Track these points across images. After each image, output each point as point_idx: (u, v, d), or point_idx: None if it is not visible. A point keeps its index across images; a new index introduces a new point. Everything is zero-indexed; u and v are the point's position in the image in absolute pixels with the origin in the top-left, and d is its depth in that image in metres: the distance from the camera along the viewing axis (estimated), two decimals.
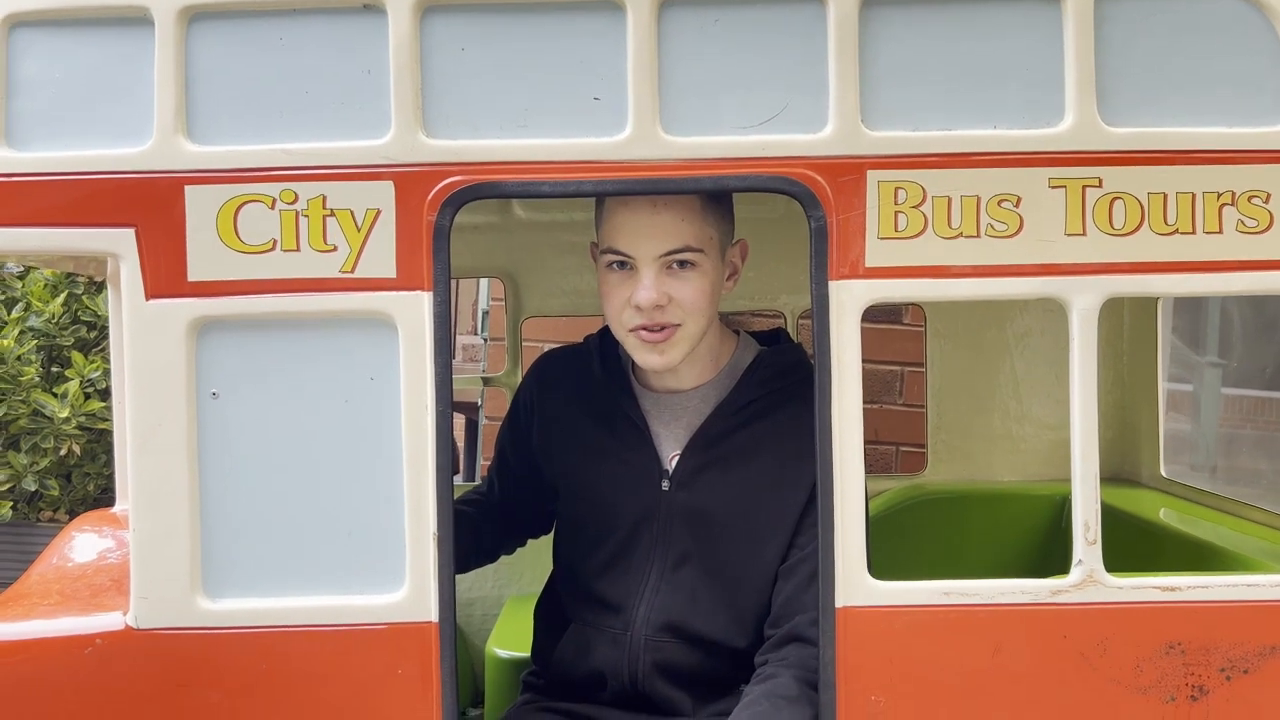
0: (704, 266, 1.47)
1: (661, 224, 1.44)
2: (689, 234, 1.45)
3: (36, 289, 3.05)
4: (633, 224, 1.46)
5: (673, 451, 1.54)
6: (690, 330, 1.48)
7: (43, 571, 1.74)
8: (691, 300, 1.46)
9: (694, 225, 1.45)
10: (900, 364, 2.94)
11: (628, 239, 1.46)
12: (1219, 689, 1.42)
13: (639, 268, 1.46)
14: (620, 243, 1.47)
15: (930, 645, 1.42)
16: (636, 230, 1.45)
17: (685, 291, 1.46)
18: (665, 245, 1.45)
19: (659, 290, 1.45)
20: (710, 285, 1.48)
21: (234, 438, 1.41)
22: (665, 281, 1.46)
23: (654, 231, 1.45)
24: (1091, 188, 1.39)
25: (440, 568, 1.40)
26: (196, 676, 1.42)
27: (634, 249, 1.46)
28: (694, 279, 1.46)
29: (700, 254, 1.46)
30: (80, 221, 1.39)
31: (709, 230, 1.47)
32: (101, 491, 3.19)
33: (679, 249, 1.45)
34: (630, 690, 1.51)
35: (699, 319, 1.48)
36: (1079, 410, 1.41)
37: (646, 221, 1.45)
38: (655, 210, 1.45)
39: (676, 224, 1.44)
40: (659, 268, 1.46)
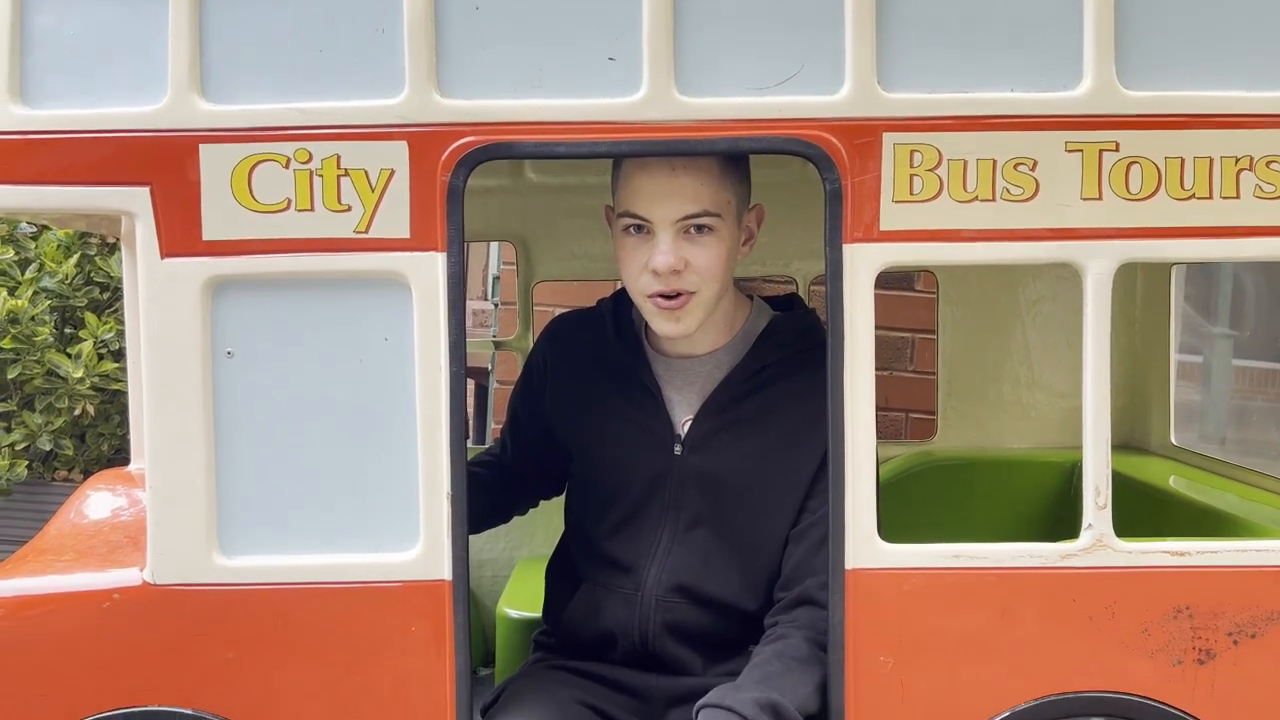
0: (721, 231, 1.47)
1: (679, 188, 1.44)
2: (707, 198, 1.45)
3: (50, 250, 3.06)
4: (651, 187, 1.45)
5: (685, 416, 1.55)
6: (705, 296, 1.48)
7: (60, 528, 1.75)
8: (708, 266, 1.46)
9: (712, 189, 1.45)
10: (911, 331, 2.93)
11: (645, 202, 1.45)
12: (1226, 653, 1.43)
13: (656, 232, 1.45)
14: (638, 206, 1.46)
15: (939, 608, 1.43)
16: (654, 194, 1.45)
17: (702, 257, 1.46)
18: (683, 209, 1.44)
19: (676, 255, 1.44)
20: (726, 251, 1.48)
21: (249, 397, 1.42)
22: (682, 246, 1.45)
23: (672, 195, 1.44)
24: (1108, 151, 1.38)
25: (454, 527, 1.42)
26: (212, 632, 1.44)
27: (651, 213, 1.45)
28: (711, 244, 1.46)
29: (717, 219, 1.46)
30: (95, 180, 1.39)
31: (726, 195, 1.47)
32: (115, 452, 3.21)
33: (697, 213, 1.45)
34: (641, 649, 1.53)
35: (714, 285, 1.48)
36: (1091, 375, 1.41)
37: (665, 185, 1.44)
38: (674, 174, 1.44)
39: (695, 188, 1.44)
40: (676, 232, 1.45)
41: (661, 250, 1.44)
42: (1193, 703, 1.43)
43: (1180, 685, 1.43)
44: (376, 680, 1.44)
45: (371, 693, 1.44)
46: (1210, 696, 1.43)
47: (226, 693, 1.44)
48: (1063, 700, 1.44)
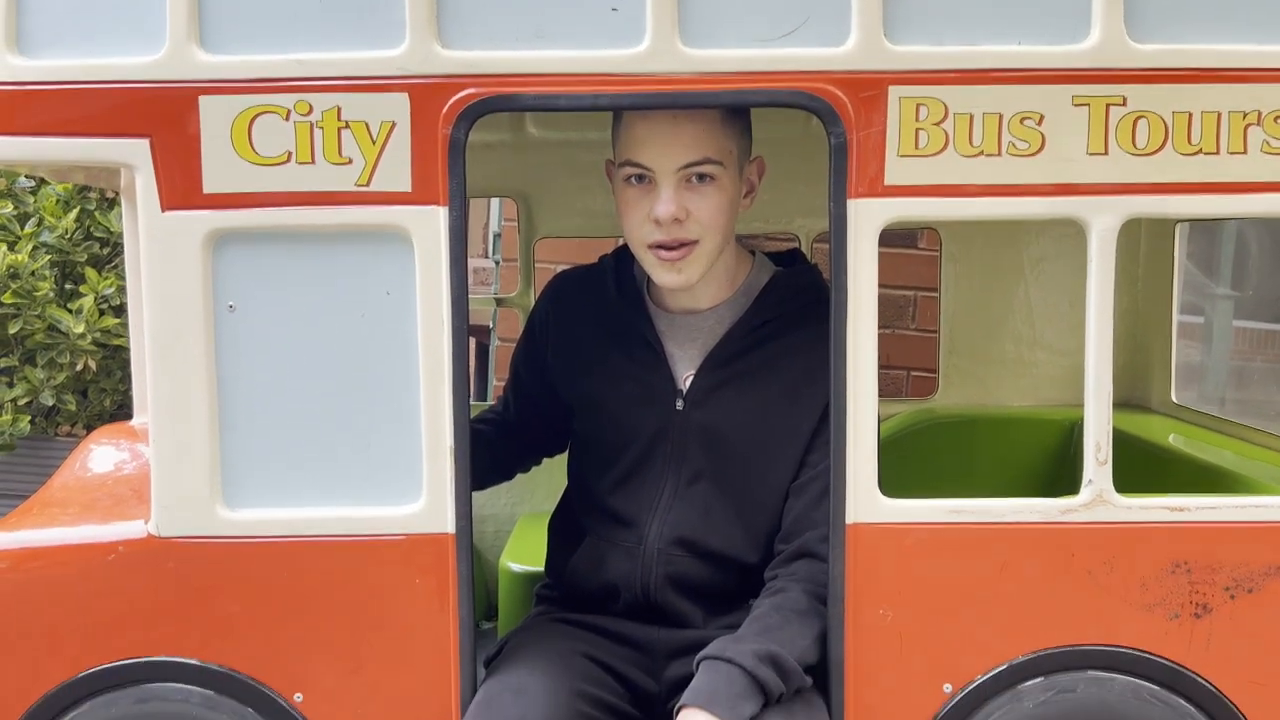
0: (722, 181, 1.46)
1: (681, 135, 1.43)
2: (708, 146, 1.44)
3: (49, 204, 3.04)
4: (652, 136, 1.44)
5: (687, 371, 1.55)
6: (707, 247, 1.48)
7: (64, 482, 1.76)
8: (709, 215, 1.46)
9: (714, 137, 1.44)
10: (913, 289, 2.92)
11: (647, 151, 1.44)
12: (1223, 607, 1.44)
13: (657, 180, 1.45)
14: (639, 155, 1.45)
15: (938, 562, 1.44)
16: (656, 142, 1.43)
17: (703, 206, 1.45)
18: (685, 157, 1.43)
19: (678, 204, 1.44)
20: (728, 201, 1.47)
21: (251, 351, 1.42)
22: (684, 195, 1.44)
23: (673, 143, 1.43)
24: (1115, 106, 1.37)
25: (457, 480, 1.42)
26: (216, 584, 1.45)
27: (653, 161, 1.44)
28: (712, 194, 1.46)
29: (719, 167, 1.45)
30: (94, 131, 1.38)
31: (728, 144, 1.46)
32: (118, 407, 3.22)
33: (698, 161, 1.44)
34: (643, 601, 1.54)
35: (716, 235, 1.47)
36: (1094, 331, 1.41)
37: (666, 133, 1.43)
38: (675, 122, 1.43)
39: (696, 136, 1.43)
40: (678, 181, 1.44)
41: (663, 199, 1.44)
42: (1189, 656, 1.45)
43: (1177, 639, 1.45)
44: (381, 633, 1.45)
45: (376, 645, 1.46)
46: (1206, 650, 1.45)
47: (231, 644, 1.46)
48: (1060, 653, 1.45)
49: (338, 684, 1.46)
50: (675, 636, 1.53)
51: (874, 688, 1.45)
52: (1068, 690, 1.45)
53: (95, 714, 1.46)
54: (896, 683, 1.45)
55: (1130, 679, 1.45)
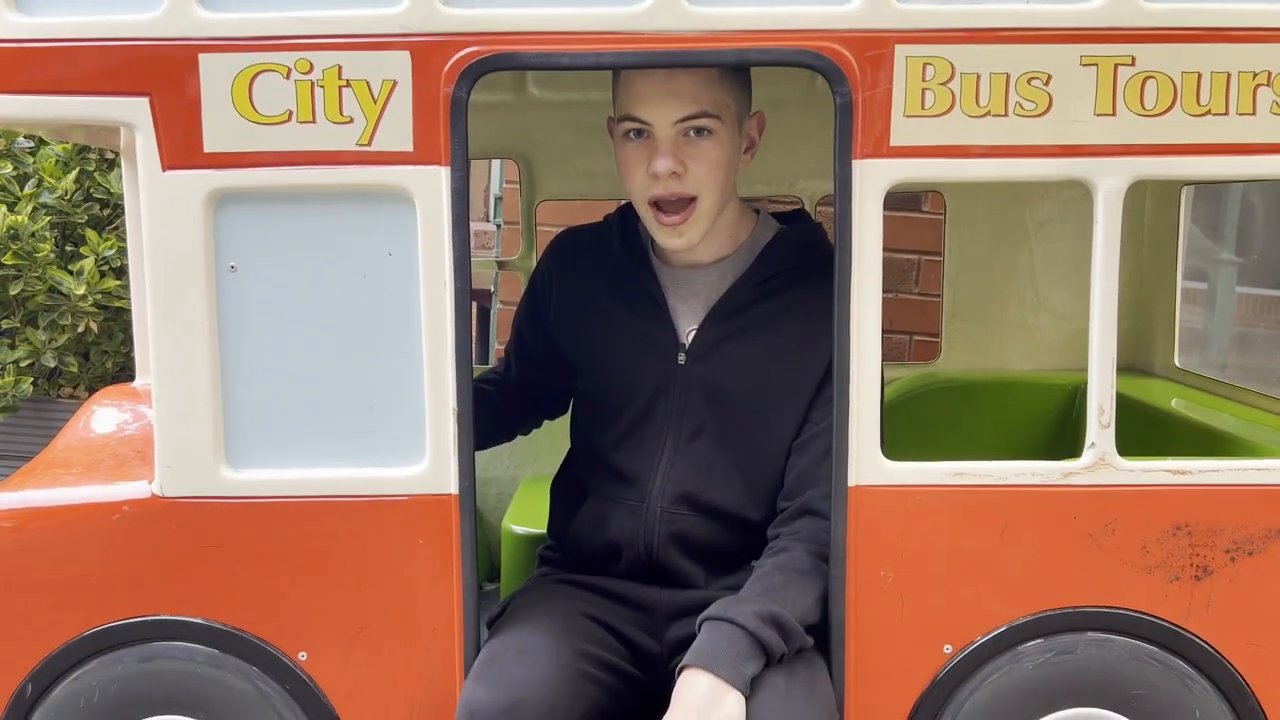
0: (720, 135, 1.46)
1: (678, 89, 1.42)
2: (705, 99, 1.43)
3: (48, 165, 3.03)
4: (649, 90, 1.44)
5: (690, 326, 1.55)
6: (707, 205, 1.47)
7: (67, 442, 1.77)
8: (707, 169, 1.46)
9: (711, 91, 1.44)
10: (917, 253, 2.91)
11: (645, 105, 1.44)
12: (1223, 569, 1.45)
13: (656, 135, 1.45)
14: (637, 109, 1.45)
15: (940, 524, 1.44)
16: (653, 96, 1.44)
17: (701, 160, 1.45)
18: (682, 110, 1.43)
19: (675, 158, 1.44)
20: (726, 155, 1.47)
21: (254, 311, 1.42)
22: (682, 149, 1.45)
23: (670, 96, 1.43)
24: (1124, 66, 1.36)
25: (460, 441, 1.42)
26: (221, 543, 1.46)
27: (651, 115, 1.44)
28: (710, 148, 1.45)
29: (716, 120, 1.45)
30: (93, 89, 1.37)
31: (725, 97, 1.46)
32: (119, 369, 3.22)
33: (695, 114, 1.43)
34: (646, 560, 1.55)
35: (715, 191, 1.47)
36: (1099, 294, 1.40)
37: (663, 87, 1.43)
38: (671, 76, 1.43)
39: (693, 89, 1.43)
40: (675, 135, 1.44)
41: (662, 153, 1.44)
42: (1189, 618, 1.46)
43: (1177, 601, 1.45)
44: (384, 593, 1.46)
45: (379, 605, 1.47)
46: (1206, 611, 1.45)
47: (235, 603, 1.47)
48: (1060, 615, 1.46)
49: (341, 643, 1.47)
50: (677, 597, 1.54)
51: (875, 648, 1.46)
52: (1067, 651, 1.46)
53: (101, 672, 1.48)
54: (897, 643, 1.46)
55: (1129, 640, 1.46)
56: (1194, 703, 1.46)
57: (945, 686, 1.47)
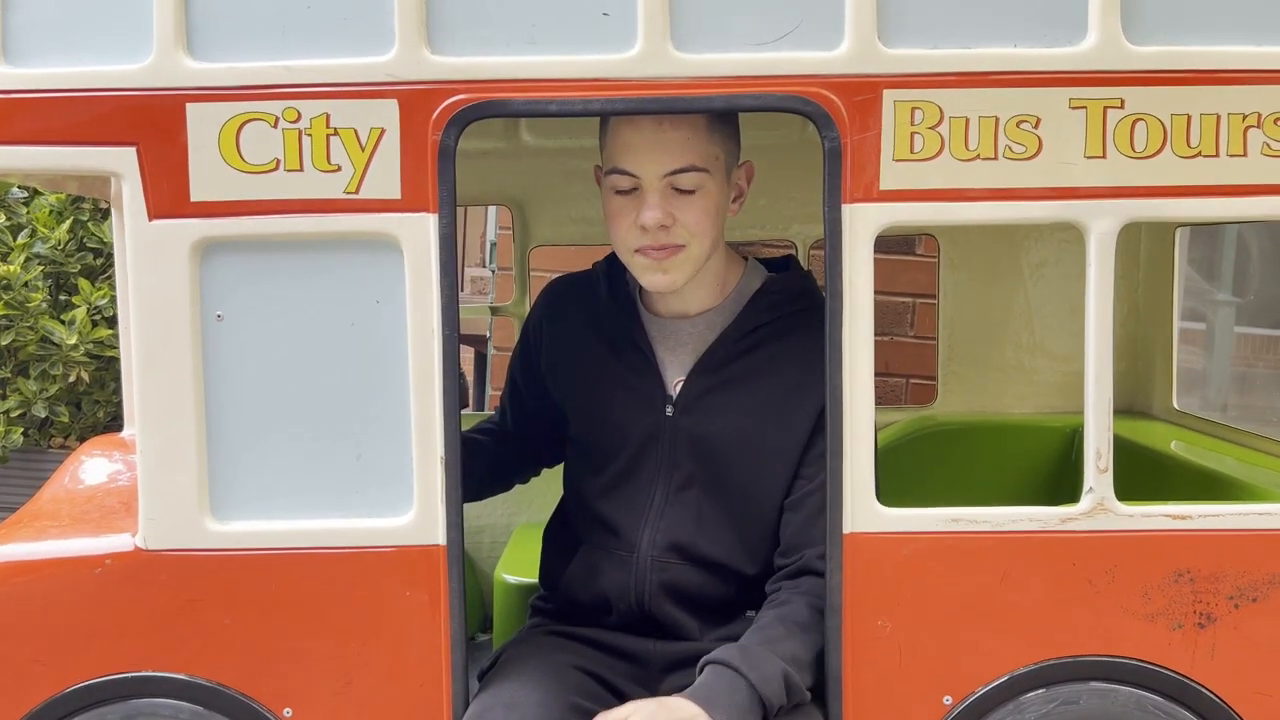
0: (709, 187, 1.45)
1: (666, 141, 1.42)
2: (694, 152, 1.43)
3: (42, 215, 3.04)
4: (637, 142, 1.43)
5: (677, 377, 1.54)
6: (694, 252, 1.47)
7: (54, 493, 1.75)
8: (695, 221, 1.45)
9: (699, 143, 1.43)
10: (912, 295, 2.91)
11: (633, 158, 1.43)
12: (1227, 617, 1.42)
13: (644, 188, 1.44)
14: (625, 161, 1.44)
15: (937, 571, 1.42)
16: (641, 148, 1.43)
17: (689, 213, 1.44)
18: (670, 164, 1.42)
19: (664, 210, 1.43)
20: (714, 206, 1.46)
21: (240, 360, 1.41)
22: (670, 202, 1.44)
23: (659, 150, 1.42)
24: (1113, 109, 1.36)
25: (447, 491, 1.40)
26: (205, 596, 1.43)
27: (639, 168, 1.43)
28: (698, 200, 1.45)
29: (705, 174, 1.44)
30: (81, 139, 1.37)
31: (714, 149, 1.45)
32: (111, 419, 3.21)
33: (684, 168, 1.42)
34: (637, 612, 1.52)
35: (703, 240, 1.46)
36: (1094, 336, 1.39)
37: (651, 140, 1.42)
38: (660, 128, 1.42)
39: (681, 142, 1.42)
40: (663, 188, 1.43)
41: (649, 205, 1.43)
42: (1193, 667, 1.43)
43: (1180, 649, 1.43)
44: (371, 646, 1.44)
45: (367, 658, 1.44)
46: (1210, 660, 1.43)
47: (219, 658, 1.44)
48: (1061, 664, 1.43)
49: (328, 699, 1.44)
50: (671, 649, 1.51)
51: (873, 700, 1.43)
52: (1070, 702, 1.43)
53: None
54: (896, 695, 1.43)
55: (1133, 690, 1.43)
56: None
57: None
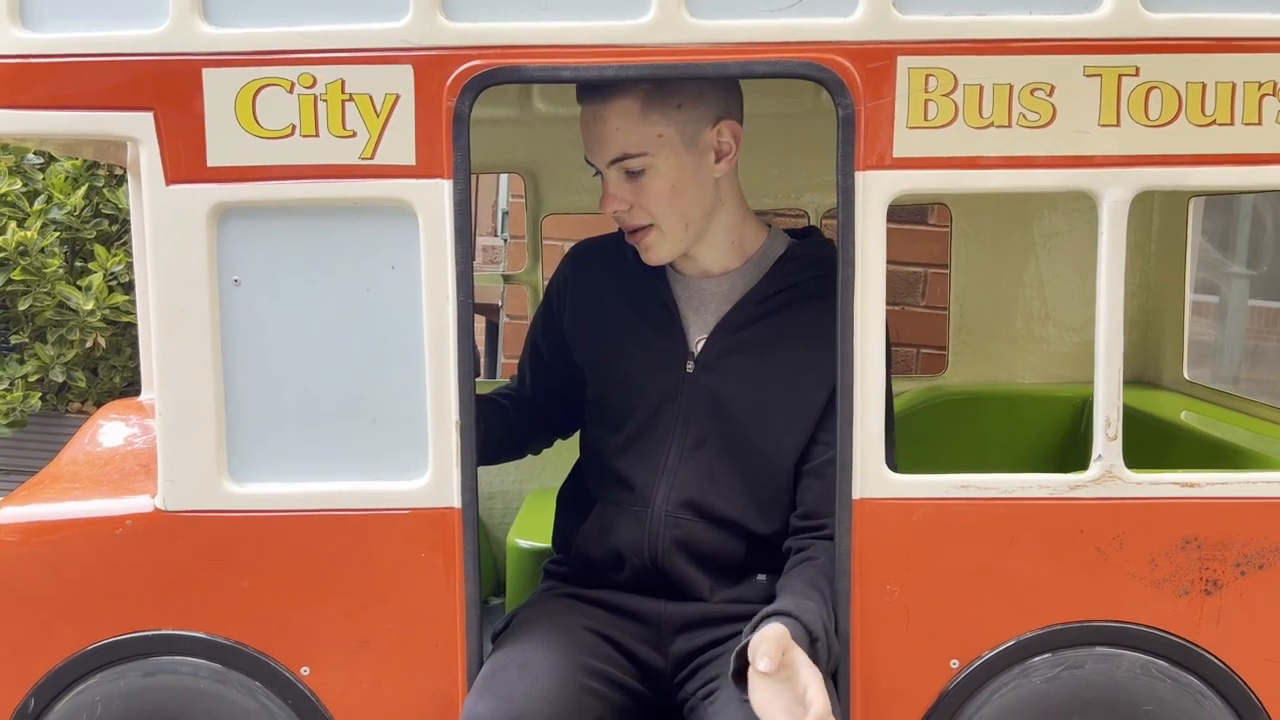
0: (658, 167, 1.47)
1: (600, 133, 1.47)
2: (626, 141, 1.45)
3: (57, 181, 3.05)
4: (585, 134, 1.50)
5: (700, 335, 1.56)
6: (667, 227, 1.50)
7: (73, 456, 1.77)
8: (650, 202, 1.48)
9: (631, 130, 1.45)
10: (924, 265, 2.90)
11: (588, 148, 1.50)
12: (1233, 583, 1.43)
13: (604, 173, 1.50)
14: (586, 152, 1.51)
15: (946, 537, 1.43)
16: (588, 140, 1.50)
17: (643, 195, 1.48)
18: (608, 154, 1.47)
19: (618, 197, 1.48)
20: (670, 185, 1.48)
21: (257, 325, 1.42)
22: (623, 187, 1.49)
23: (595, 142, 1.48)
24: (1128, 76, 1.35)
25: (462, 455, 1.42)
26: (224, 557, 1.45)
27: (592, 156, 1.50)
28: (648, 182, 1.47)
29: (647, 157, 1.46)
30: (97, 105, 1.38)
31: (651, 130, 1.45)
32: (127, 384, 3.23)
33: (619, 157, 1.47)
34: (650, 568, 1.54)
35: (671, 216, 1.49)
36: (1105, 305, 1.40)
37: (592, 131, 1.48)
38: (595, 119, 1.47)
39: (611, 133, 1.46)
40: (616, 174, 1.48)
41: (605, 193, 1.50)
42: (1198, 633, 1.44)
43: (1186, 615, 1.44)
44: (387, 607, 1.46)
45: (382, 619, 1.46)
46: (1216, 626, 1.44)
47: (238, 618, 1.46)
48: (1067, 629, 1.45)
49: (344, 658, 1.47)
50: (682, 610, 1.53)
51: (881, 663, 1.45)
52: (1076, 666, 1.45)
53: (104, 686, 1.47)
54: (903, 658, 1.45)
55: (1139, 655, 1.44)
56: (1205, 719, 1.44)
57: (952, 702, 1.46)
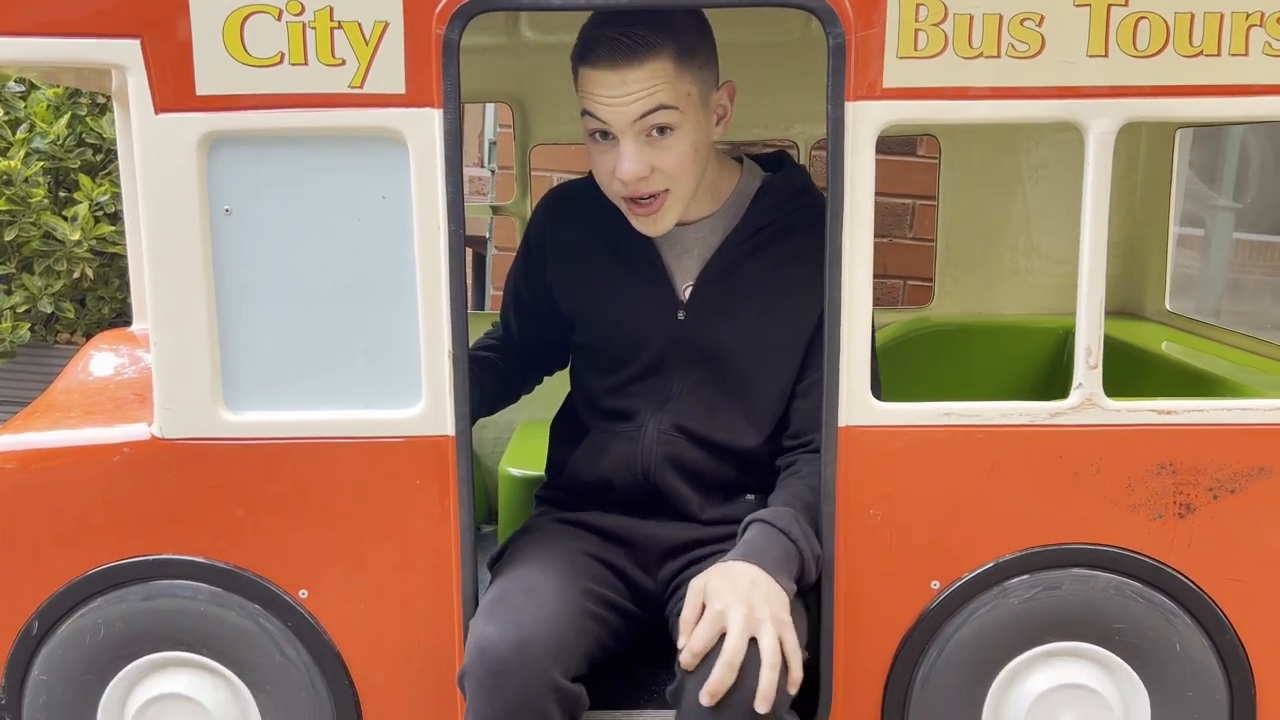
0: (685, 126, 1.42)
1: (632, 85, 1.38)
2: (662, 92, 1.39)
3: (40, 110, 3.01)
4: (604, 88, 1.39)
5: (686, 283, 1.56)
6: (681, 191, 1.46)
7: (66, 385, 1.78)
8: (675, 165, 1.43)
9: (668, 82, 1.39)
10: (911, 197, 2.91)
11: (601, 105, 1.40)
12: (1205, 507, 1.48)
13: (618, 136, 1.41)
14: (595, 108, 1.41)
15: (928, 463, 1.46)
16: (608, 95, 1.39)
17: (667, 157, 1.42)
18: (639, 108, 1.39)
19: (640, 161, 1.41)
20: (692, 144, 1.43)
21: (249, 254, 1.43)
22: (645, 151, 1.41)
23: (625, 95, 1.38)
24: (1117, 6, 1.35)
25: (455, 384, 1.44)
26: (220, 484, 1.48)
27: (609, 115, 1.40)
28: (675, 144, 1.42)
29: (677, 113, 1.40)
30: (84, 31, 1.36)
31: (684, 86, 1.41)
32: (116, 315, 3.23)
33: (653, 109, 1.39)
34: (642, 484, 1.56)
35: (688, 179, 1.45)
36: (1089, 236, 1.41)
37: (616, 85, 1.38)
38: (622, 71, 1.38)
39: (649, 83, 1.38)
40: (637, 135, 1.41)
41: (625, 157, 1.41)
42: (1170, 554, 1.49)
43: (1160, 538, 1.48)
44: (383, 533, 1.49)
45: (378, 544, 1.49)
46: (1188, 548, 1.48)
47: (236, 543, 1.49)
48: (1046, 552, 1.49)
49: (341, 582, 1.50)
50: (669, 532, 1.57)
51: (863, 585, 1.49)
52: (1052, 587, 1.49)
53: (105, 610, 1.50)
54: (885, 580, 1.49)
55: (1113, 576, 1.49)
56: (1174, 636, 1.50)
57: (932, 621, 1.50)
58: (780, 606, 1.30)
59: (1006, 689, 1.52)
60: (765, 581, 1.31)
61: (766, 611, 1.28)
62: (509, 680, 1.31)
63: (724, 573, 1.32)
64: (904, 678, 1.52)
